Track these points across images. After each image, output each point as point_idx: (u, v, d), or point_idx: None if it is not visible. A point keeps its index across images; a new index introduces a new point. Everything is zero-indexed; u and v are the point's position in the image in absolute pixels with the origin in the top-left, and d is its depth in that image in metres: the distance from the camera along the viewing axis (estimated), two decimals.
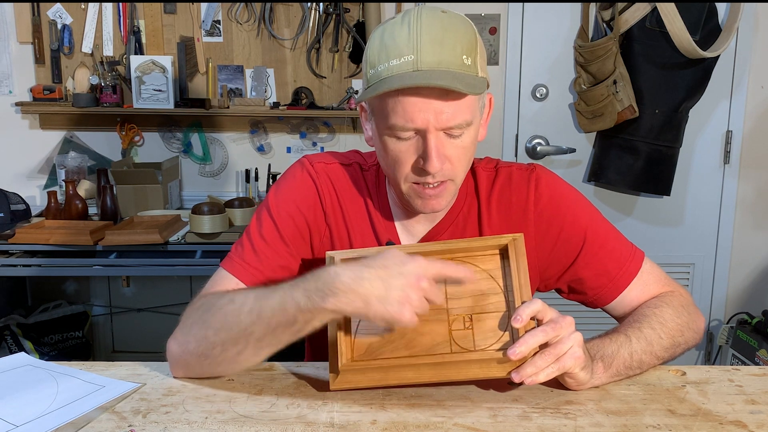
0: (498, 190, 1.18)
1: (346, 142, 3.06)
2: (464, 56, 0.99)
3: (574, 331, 0.95)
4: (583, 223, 1.16)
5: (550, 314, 0.95)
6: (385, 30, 1.02)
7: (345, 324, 1.00)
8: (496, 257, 1.02)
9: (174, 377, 1.06)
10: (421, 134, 1.01)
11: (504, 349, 0.95)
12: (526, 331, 0.94)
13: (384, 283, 0.90)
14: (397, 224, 1.18)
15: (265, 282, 1.12)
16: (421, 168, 1.03)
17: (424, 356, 0.97)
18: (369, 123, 1.10)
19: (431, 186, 1.05)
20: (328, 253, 1.04)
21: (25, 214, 2.69)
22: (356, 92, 2.95)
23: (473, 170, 1.19)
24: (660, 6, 2.61)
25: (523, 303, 0.96)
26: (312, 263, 1.17)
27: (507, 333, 0.97)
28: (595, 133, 2.91)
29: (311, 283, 0.94)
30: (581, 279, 1.18)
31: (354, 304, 0.91)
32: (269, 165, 2.98)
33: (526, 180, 1.17)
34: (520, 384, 0.94)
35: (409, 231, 1.18)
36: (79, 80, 2.92)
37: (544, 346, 0.94)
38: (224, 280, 1.13)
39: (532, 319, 0.95)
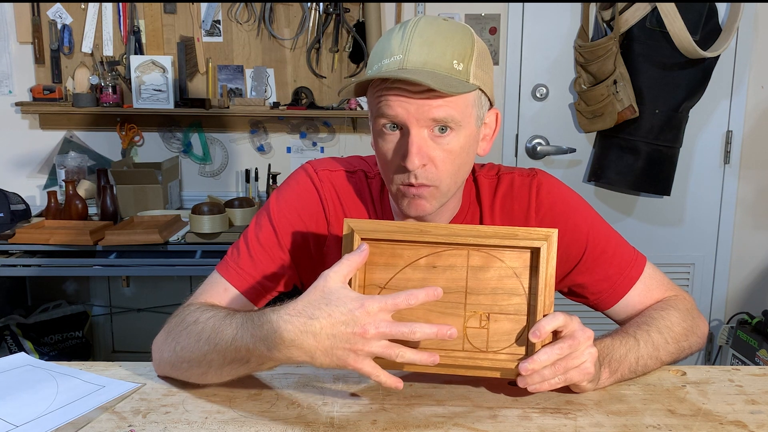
0: (500, 198, 1.17)
1: (346, 142, 3.06)
2: (455, 61, 0.99)
3: (590, 345, 0.94)
4: (584, 229, 1.16)
5: (571, 326, 0.93)
6: (385, 35, 1.04)
7: None
8: (526, 255, 0.97)
9: (157, 376, 1.07)
10: (405, 131, 1.01)
11: (516, 356, 0.94)
12: (542, 346, 0.92)
13: (328, 336, 0.85)
14: None
15: (258, 288, 1.12)
16: (403, 166, 1.01)
17: (434, 350, 0.95)
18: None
19: (415, 186, 1.03)
20: (347, 222, 0.97)
21: (25, 214, 2.69)
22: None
23: (475, 178, 1.18)
24: (660, 6, 2.61)
25: (545, 315, 0.93)
26: (311, 272, 1.16)
27: (522, 340, 0.95)
28: (595, 133, 2.91)
29: (257, 329, 0.90)
30: (582, 284, 1.17)
31: (300, 357, 0.87)
32: (269, 165, 2.98)
33: (527, 186, 1.17)
34: (523, 387, 0.94)
35: None
36: (79, 80, 2.93)
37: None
38: (216, 284, 1.12)
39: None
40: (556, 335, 0.94)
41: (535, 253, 0.96)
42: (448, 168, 1.04)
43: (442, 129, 1.01)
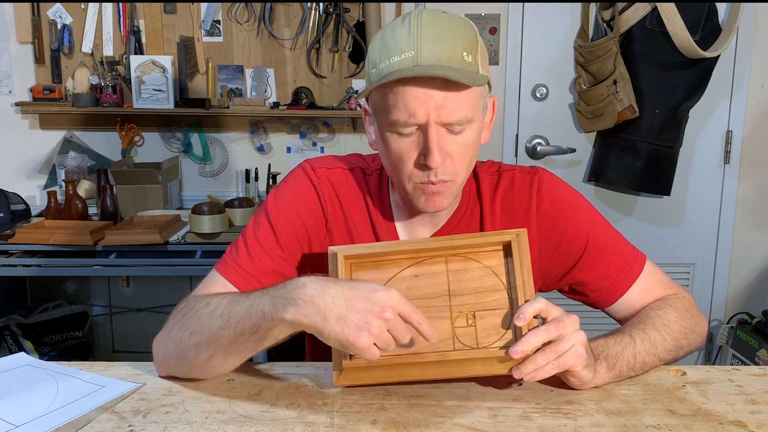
0: (501, 194, 1.18)
1: (346, 142, 3.06)
2: (464, 53, 1.00)
3: (577, 329, 0.95)
4: (584, 227, 1.16)
5: (554, 312, 0.95)
6: (386, 31, 1.03)
7: None
8: (500, 253, 1.01)
9: (159, 376, 1.07)
10: (422, 129, 1.01)
11: (507, 347, 0.95)
12: (529, 330, 0.94)
13: (347, 303, 0.88)
14: (399, 229, 1.18)
15: (257, 286, 1.12)
16: (423, 164, 1.03)
17: (427, 354, 0.97)
18: (372, 125, 1.10)
19: (434, 183, 1.05)
20: (330, 249, 1.03)
21: (25, 214, 2.69)
22: (356, 92, 2.95)
23: (476, 174, 1.19)
24: (660, 6, 2.61)
25: (526, 301, 0.96)
26: (310, 270, 1.16)
27: (510, 330, 0.97)
28: (595, 133, 2.91)
29: (279, 290, 0.93)
30: (583, 282, 1.18)
31: (312, 317, 0.89)
32: (269, 165, 2.98)
33: (528, 183, 1.17)
34: (521, 381, 0.95)
35: (412, 235, 1.18)
36: (79, 80, 2.93)
37: (547, 345, 0.94)
38: (216, 282, 1.12)
39: (536, 317, 0.95)
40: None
41: (507, 249, 1.00)
42: (465, 160, 1.06)
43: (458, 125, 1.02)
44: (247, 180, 2.97)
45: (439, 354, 0.97)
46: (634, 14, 2.68)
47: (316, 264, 1.16)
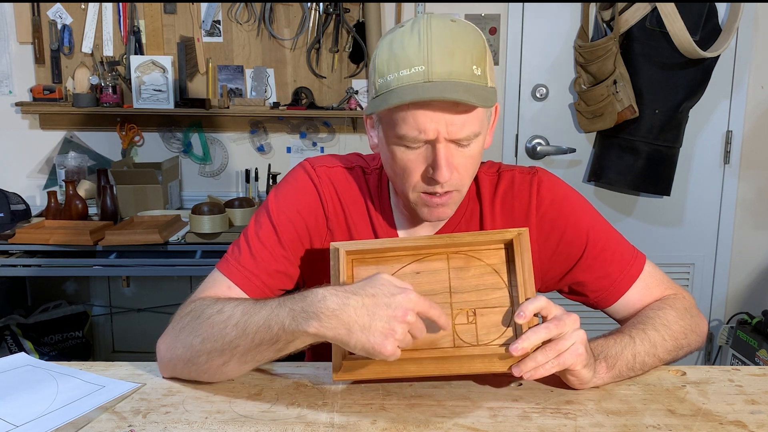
0: (501, 195, 1.18)
1: (346, 142, 3.06)
2: (474, 66, 0.99)
3: (578, 328, 0.95)
4: (584, 227, 1.16)
5: (555, 311, 0.95)
6: (394, 39, 1.01)
7: None
8: (501, 252, 1.02)
9: (163, 377, 1.06)
10: (431, 144, 1.01)
11: (507, 344, 0.95)
12: (529, 328, 0.94)
13: (369, 313, 0.89)
14: (399, 229, 1.18)
15: (260, 286, 1.12)
16: (430, 177, 1.03)
17: (426, 350, 0.97)
18: (375, 130, 1.10)
19: (439, 195, 1.05)
20: (332, 244, 1.02)
21: (25, 214, 2.69)
22: (356, 92, 2.95)
23: (475, 174, 1.19)
24: (660, 6, 2.61)
25: (527, 299, 0.96)
26: (312, 268, 1.16)
27: (510, 328, 0.98)
28: (595, 133, 2.92)
29: (298, 303, 0.93)
30: (582, 282, 1.18)
31: (336, 330, 0.89)
32: (269, 165, 2.98)
33: (528, 184, 1.17)
34: (521, 380, 0.94)
35: (411, 235, 1.18)
36: (79, 80, 2.93)
37: (547, 343, 0.94)
38: (219, 282, 1.12)
39: (536, 315, 0.95)
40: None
41: (509, 248, 1.01)
42: (470, 171, 1.07)
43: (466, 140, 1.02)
44: (247, 180, 2.97)
45: (439, 350, 0.97)
46: (634, 14, 2.68)
47: (317, 263, 1.16)
